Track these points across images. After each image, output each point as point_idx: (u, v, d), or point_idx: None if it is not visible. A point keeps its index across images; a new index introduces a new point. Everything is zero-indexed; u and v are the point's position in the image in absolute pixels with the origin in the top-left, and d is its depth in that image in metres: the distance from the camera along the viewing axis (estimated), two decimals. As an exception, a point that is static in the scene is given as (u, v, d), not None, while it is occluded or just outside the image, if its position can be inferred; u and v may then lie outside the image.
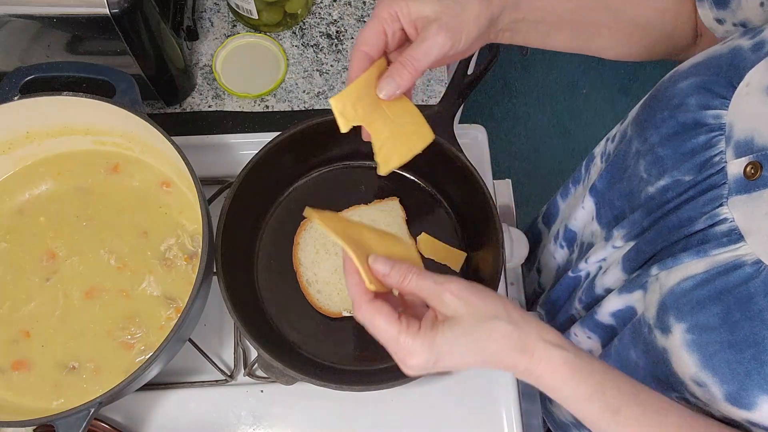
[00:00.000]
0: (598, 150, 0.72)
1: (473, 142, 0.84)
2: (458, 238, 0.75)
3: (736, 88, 0.48)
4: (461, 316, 0.45)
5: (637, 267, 0.57)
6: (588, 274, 0.67)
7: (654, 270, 0.52)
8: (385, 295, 0.49)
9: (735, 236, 0.46)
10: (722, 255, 0.47)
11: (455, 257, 0.73)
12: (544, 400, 0.81)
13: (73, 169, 0.70)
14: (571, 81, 2.02)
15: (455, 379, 0.73)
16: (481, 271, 0.70)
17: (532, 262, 0.90)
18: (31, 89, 0.63)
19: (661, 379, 0.53)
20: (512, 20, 0.56)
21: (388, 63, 0.54)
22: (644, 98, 0.60)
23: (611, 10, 0.59)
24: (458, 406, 0.72)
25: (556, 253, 0.79)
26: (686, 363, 0.49)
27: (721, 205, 0.48)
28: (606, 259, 0.63)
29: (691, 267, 0.49)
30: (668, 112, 0.53)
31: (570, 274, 0.70)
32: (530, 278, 0.90)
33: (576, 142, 1.95)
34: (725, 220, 0.47)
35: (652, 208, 0.55)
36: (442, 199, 0.76)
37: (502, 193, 0.88)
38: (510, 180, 0.89)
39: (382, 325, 0.46)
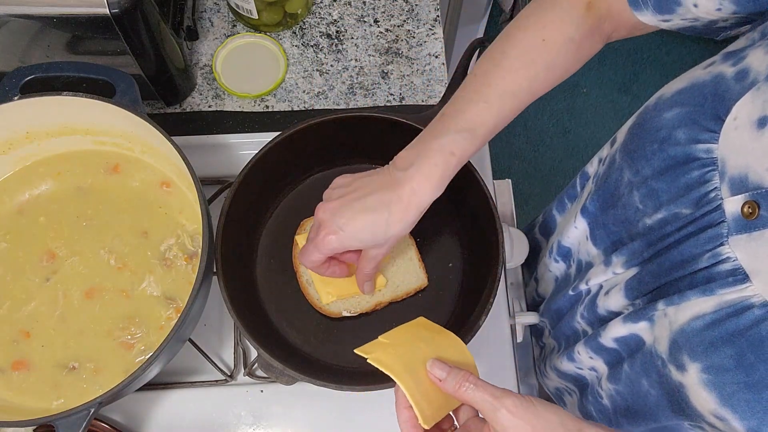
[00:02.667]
0: (591, 169, 0.72)
1: (473, 142, 0.83)
2: (458, 238, 0.75)
3: (723, 120, 0.47)
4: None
5: (640, 295, 0.57)
6: (589, 291, 0.68)
7: (660, 305, 0.52)
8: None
9: (740, 276, 0.46)
10: (729, 295, 0.46)
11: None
12: (538, 372, 0.82)
13: (73, 169, 0.70)
14: (571, 81, 2.01)
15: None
16: (481, 271, 0.70)
17: (531, 270, 0.90)
18: (31, 89, 0.63)
19: (676, 409, 0.53)
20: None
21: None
22: (630, 124, 0.59)
23: (528, 100, 0.59)
24: (458, 406, 0.72)
25: (551, 266, 0.79)
26: (705, 399, 0.48)
27: (722, 243, 0.47)
28: (607, 281, 0.64)
29: (699, 306, 0.48)
30: (657, 144, 0.53)
31: (570, 292, 0.70)
32: (530, 286, 0.91)
33: (576, 141, 1.95)
34: (728, 259, 0.47)
35: (652, 240, 0.55)
36: (442, 199, 0.76)
37: (502, 193, 0.88)
38: (510, 180, 0.89)
39: None
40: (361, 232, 0.57)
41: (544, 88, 0.58)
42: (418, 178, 0.55)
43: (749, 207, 0.45)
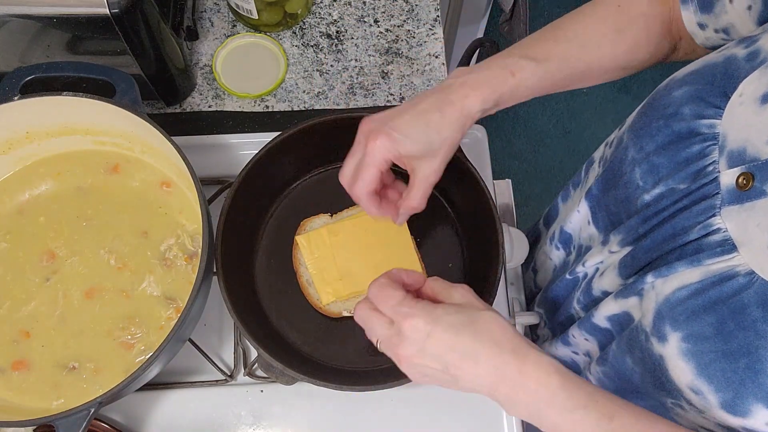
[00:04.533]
0: (597, 154, 0.72)
1: (473, 142, 0.84)
2: (458, 238, 0.75)
3: (729, 97, 0.49)
4: (465, 302, 0.50)
5: (633, 273, 0.57)
6: (585, 275, 0.68)
7: (649, 278, 0.53)
8: None
9: (728, 246, 0.47)
10: (716, 265, 0.47)
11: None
12: None
13: (73, 169, 0.70)
14: (571, 81, 2.02)
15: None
16: (481, 271, 0.70)
17: (528, 262, 0.90)
18: (31, 89, 0.63)
19: (657, 385, 0.54)
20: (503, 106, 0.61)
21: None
22: (640, 105, 0.60)
23: (589, 67, 0.62)
24: (458, 407, 0.72)
25: (552, 254, 0.79)
26: (683, 371, 0.49)
27: (714, 215, 0.48)
28: (603, 262, 0.64)
29: (685, 276, 0.49)
30: (663, 121, 0.54)
31: (567, 276, 0.70)
32: (526, 278, 0.90)
33: (576, 142, 1.95)
34: (719, 230, 0.48)
35: (647, 215, 0.55)
36: (442, 199, 0.76)
37: (502, 193, 0.88)
38: (510, 180, 0.89)
39: (390, 291, 0.50)
40: (415, 132, 0.56)
41: (608, 55, 0.62)
42: (471, 84, 0.57)
43: (744, 178, 0.46)
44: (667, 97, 0.54)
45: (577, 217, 0.70)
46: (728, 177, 0.47)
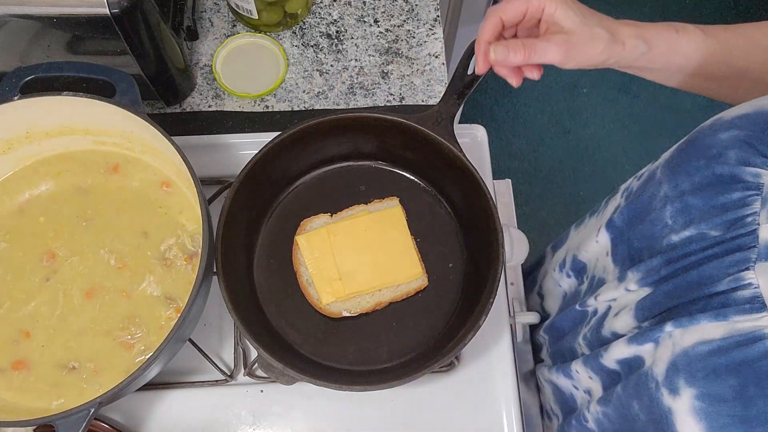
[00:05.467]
0: (623, 186, 0.70)
1: (473, 142, 0.84)
2: (458, 238, 0.75)
3: None
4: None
5: (651, 317, 0.55)
6: (596, 311, 0.66)
7: (668, 327, 0.51)
8: None
9: (758, 304, 0.44)
10: (742, 323, 0.45)
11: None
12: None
13: (73, 169, 0.70)
14: (571, 81, 2.02)
15: (455, 378, 0.73)
16: (481, 271, 0.70)
17: (532, 283, 0.89)
18: (31, 89, 0.63)
19: None
20: (634, 66, 0.60)
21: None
22: (680, 142, 0.58)
23: (747, 68, 0.60)
24: (458, 406, 0.72)
25: (562, 282, 0.78)
26: (691, 429, 0.47)
27: (747, 268, 0.46)
28: (616, 299, 0.62)
29: (708, 330, 0.47)
30: (704, 161, 0.51)
31: (577, 307, 0.69)
32: (532, 302, 0.89)
33: (576, 141, 1.95)
34: (749, 285, 0.45)
35: (673, 257, 0.53)
36: (442, 199, 0.76)
37: (502, 193, 0.88)
38: (510, 180, 0.89)
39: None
40: (570, 5, 0.56)
41: None
42: (630, 21, 0.59)
43: None
44: (712, 137, 0.52)
45: (594, 247, 0.68)
46: None
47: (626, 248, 0.63)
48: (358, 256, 0.72)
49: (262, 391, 0.71)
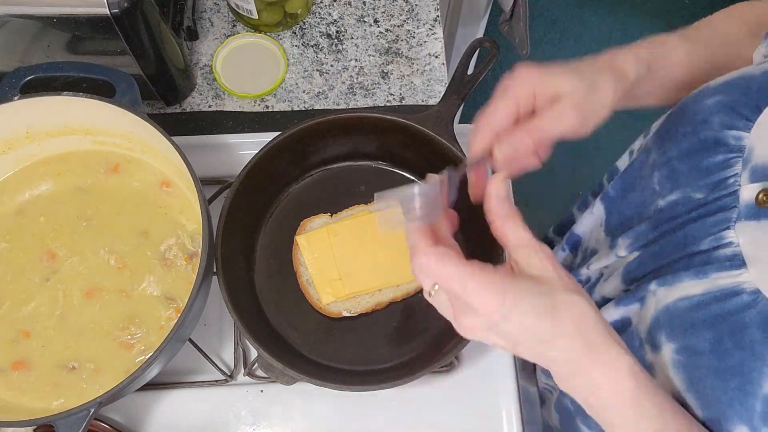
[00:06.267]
0: (620, 163, 0.71)
1: (473, 142, 0.83)
2: (458, 238, 0.75)
3: (762, 111, 0.47)
4: (546, 277, 0.42)
5: (637, 279, 0.56)
6: (588, 279, 0.67)
7: (653, 285, 0.52)
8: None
9: (737, 262, 0.46)
10: (722, 280, 0.46)
11: None
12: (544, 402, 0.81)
13: (73, 169, 0.70)
14: (571, 81, 2.02)
15: (455, 378, 0.73)
16: (481, 271, 0.70)
17: None
18: (31, 89, 0.63)
19: None
20: (639, 93, 0.56)
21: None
22: (668, 112, 0.59)
23: (727, 60, 0.60)
24: (458, 406, 0.72)
25: (558, 257, 0.79)
26: (671, 382, 0.48)
27: (728, 228, 0.47)
28: (608, 266, 0.63)
29: (689, 287, 0.48)
30: (690, 127, 0.52)
31: None
32: None
33: (576, 141, 1.94)
34: (730, 243, 0.47)
35: (659, 221, 0.54)
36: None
37: (502, 193, 0.88)
38: (510, 180, 0.89)
39: (451, 265, 0.42)
40: (566, 72, 0.50)
41: (743, 57, 0.59)
42: (617, 50, 0.55)
43: (765, 195, 0.45)
44: (698, 104, 0.53)
45: (589, 218, 0.69)
46: (749, 191, 0.46)
47: (618, 218, 0.64)
48: (358, 256, 0.72)
49: (262, 391, 0.71)
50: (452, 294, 0.43)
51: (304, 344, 0.70)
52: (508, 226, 0.45)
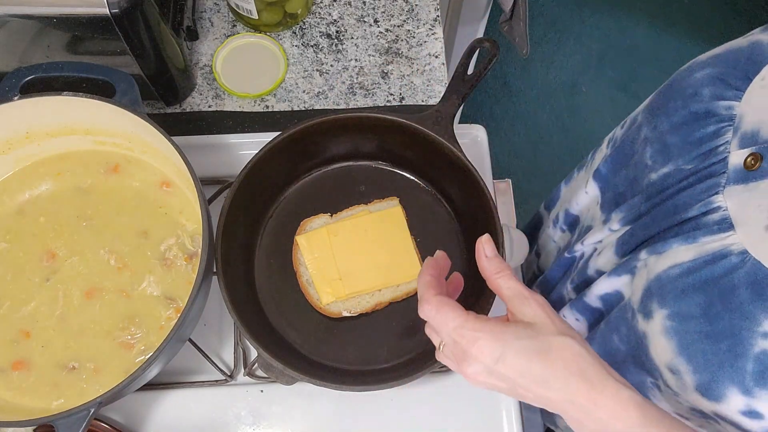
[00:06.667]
0: (607, 137, 0.72)
1: (473, 142, 0.84)
2: (458, 238, 0.75)
3: (752, 81, 0.48)
4: (538, 323, 0.45)
5: (630, 251, 0.57)
6: (583, 255, 0.68)
7: (643, 254, 0.53)
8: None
9: (726, 225, 0.46)
10: (711, 244, 0.47)
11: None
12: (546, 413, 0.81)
13: (73, 170, 0.70)
14: (570, 80, 2.02)
15: (455, 378, 0.73)
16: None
17: (531, 245, 0.90)
18: (31, 89, 0.63)
19: (638, 363, 0.53)
20: None
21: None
22: (660, 87, 0.59)
23: None
24: (458, 406, 0.72)
25: (556, 236, 0.79)
26: (663, 349, 0.49)
27: (717, 193, 0.48)
28: (602, 241, 0.63)
29: (680, 254, 0.49)
30: (681, 101, 0.53)
31: (566, 254, 0.70)
32: (528, 261, 0.90)
33: (576, 140, 1.95)
34: (719, 208, 0.47)
35: (651, 193, 0.55)
36: (442, 199, 0.76)
37: (502, 192, 0.88)
38: (510, 180, 0.89)
39: (450, 314, 0.45)
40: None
41: None
42: None
43: (753, 158, 0.45)
44: (688, 78, 0.54)
45: (585, 198, 0.70)
46: (737, 157, 0.47)
47: (612, 194, 0.64)
48: (358, 256, 0.72)
49: (262, 391, 0.71)
50: (452, 342, 0.46)
51: (304, 344, 0.70)
52: (500, 281, 0.48)
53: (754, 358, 0.43)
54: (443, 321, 0.46)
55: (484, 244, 0.49)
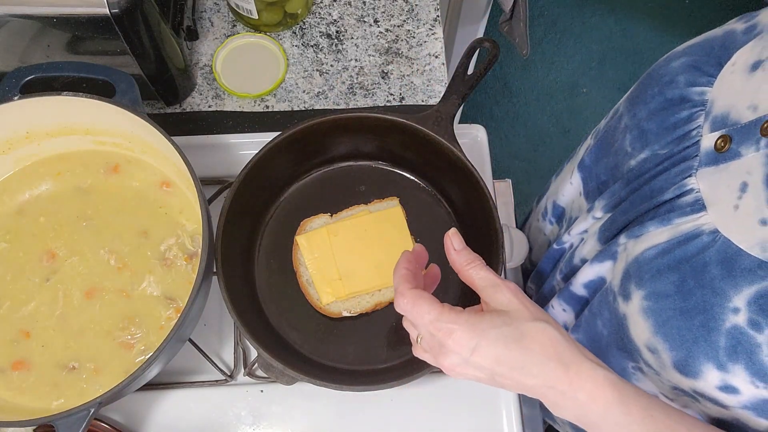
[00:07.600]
0: (593, 130, 0.73)
1: (473, 142, 0.84)
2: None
3: (723, 66, 0.50)
4: (513, 310, 0.45)
5: (612, 237, 0.58)
6: (571, 245, 0.68)
7: (622, 239, 0.54)
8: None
9: (698, 206, 0.48)
10: (684, 225, 0.48)
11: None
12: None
13: (73, 170, 0.70)
14: (571, 80, 2.02)
15: (455, 378, 0.73)
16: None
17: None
18: (31, 89, 0.63)
19: (620, 346, 0.54)
20: None
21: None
22: (640, 78, 0.61)
23: None
24: (458, 406, 0.72)
25: (546, 229, 0.80)
26: (641, 328, 0.50)
27: (690, 176, 0.49)
28: (587, 230, 0.64)
29: (655, 236, 0.50)
30: (658, 88, 0.55)
31: (555, 246, 0.70)
32: None
33: (576, 141, 1.95)
34: (692, 190, 0.49)
35: (630, 179, 0.56)
36: (442, 199, 0.76)
37: (502, 193, 0.88)
38: (510, 180, 0.89)
39: (425, 306, 0.46)
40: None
41: None
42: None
43: (722, 141, 0.47)
44: (665, 67, 0.56)
45: (569, 189, 0.71)
46: (708, 140, 0.48)
47: (594, 183, 0.66)
48: (358, 256, 0.72)
49: (262, 391, 0.71)
50: (428, 335, 0.46)
51: (304, 344, 0.70)
52: (471, 272, 0.48)
53: (726, 333, 0.44)
54: (419, 314, 0.46)
55: (452, 238, 0.49)
